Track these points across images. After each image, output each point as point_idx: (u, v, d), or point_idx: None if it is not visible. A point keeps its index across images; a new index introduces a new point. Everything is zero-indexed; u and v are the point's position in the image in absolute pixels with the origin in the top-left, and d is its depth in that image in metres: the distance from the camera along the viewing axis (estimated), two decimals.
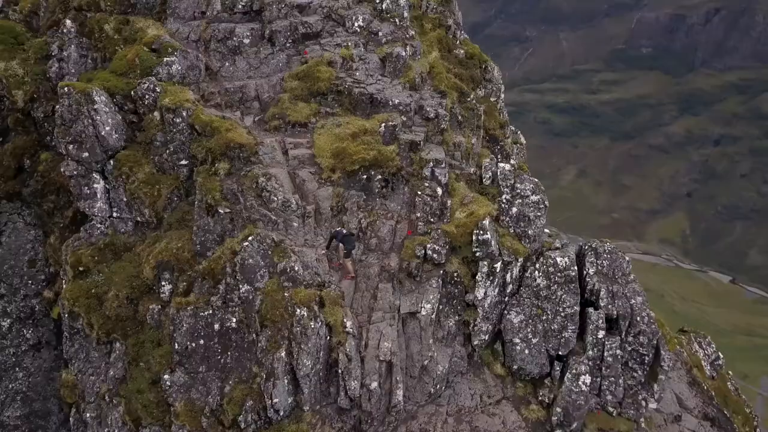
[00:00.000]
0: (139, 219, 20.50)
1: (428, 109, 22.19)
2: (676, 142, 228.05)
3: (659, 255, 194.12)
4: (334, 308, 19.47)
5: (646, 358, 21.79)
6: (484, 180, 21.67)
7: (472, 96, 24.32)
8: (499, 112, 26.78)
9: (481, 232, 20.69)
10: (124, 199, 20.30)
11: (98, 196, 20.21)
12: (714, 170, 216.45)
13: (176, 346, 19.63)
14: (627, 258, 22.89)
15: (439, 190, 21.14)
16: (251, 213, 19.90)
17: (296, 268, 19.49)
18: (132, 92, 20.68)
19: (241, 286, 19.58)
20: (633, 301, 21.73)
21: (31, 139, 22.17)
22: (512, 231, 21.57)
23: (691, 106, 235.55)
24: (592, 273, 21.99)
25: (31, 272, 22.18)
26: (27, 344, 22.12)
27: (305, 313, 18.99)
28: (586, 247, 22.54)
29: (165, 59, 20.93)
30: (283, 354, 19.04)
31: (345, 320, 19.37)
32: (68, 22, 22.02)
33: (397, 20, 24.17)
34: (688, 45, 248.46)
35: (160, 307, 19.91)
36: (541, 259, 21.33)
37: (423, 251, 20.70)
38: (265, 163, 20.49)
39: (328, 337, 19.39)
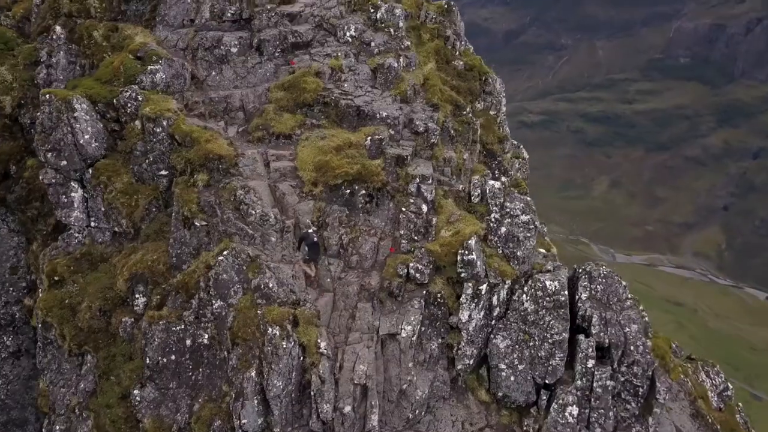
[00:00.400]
0: (116, 229, 20.25)
1: (418, 122, 21.47)
2: (714, 154, 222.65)
3: (693, 269, 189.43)
4: (308, 328, 18.85)
5: (641, 389, 20.66)
6: (472, 197, 20.88)
7: (468, 109, 23.52)
8: (499, 125, 25.89)
9: (467, 252, 19.88)
10: (102, 209, 20.07)
11: (75, 205, 19.98)
12: (752, 184, 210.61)
13: (147, 361, 19.25)
14: (624, 283, 21.76)
15: (425, 207, 20.39)
16: (228, 226, 19.41)
17: (270, 285, 18.91)
18: (114, 100, 20.47)
19: (214, 301, 19.11)
20: (627, 329, 20.61)
21: (17, 145, 22.10)
22: (500, 252, 20.68)
23: (729, 118, 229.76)
24: (584, 298, 20.96)
25: (13, 279, 22.08)
26: (6, 351, 22.01)
27: (277, 332, 18.41)
28: (580, 271, 21.53)
29: (149, 67, 20.66)
30: (253, 374, 18.48)
31: (319, 340, 18.73)
32: (58, 28, 21.94)
33: (391, 30, 23.52)
34: (728, 55, 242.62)
35: (133, 320, 19.59)
36: (530, 282, 20.40)
37: (405, 270, 19.99)
38: (245, 176, 20.00)
39: (302, 358, 18.79)
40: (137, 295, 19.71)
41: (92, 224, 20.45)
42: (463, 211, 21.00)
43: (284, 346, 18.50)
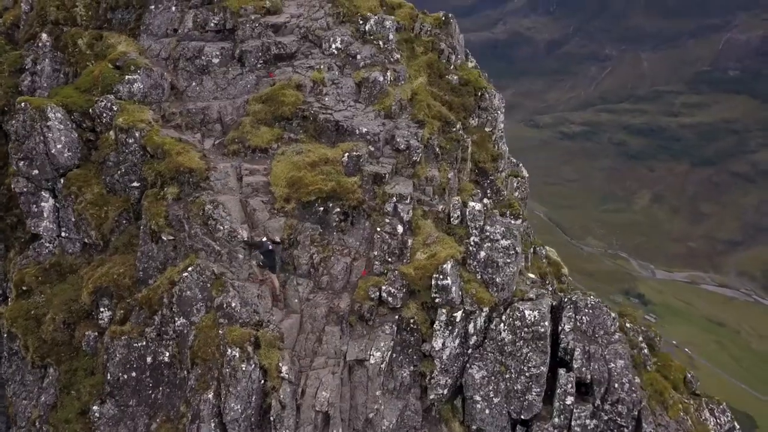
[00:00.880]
0: (86, 240, 20.08)
1: (399, 139, 20.76)
2: (763, 170, 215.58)
3: (737, 289, 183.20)
4: (269, 350, 18.22)
5: (626, 429, 19.30)
6: (452, 219, 19.96)
7: (458, 126, 22.63)
8: (494, 143, 24.87)
9: (441, 276, 18.99)
10: (73, 219, 19.93)
11: (45, 215, 19.87)
12: None
13: (108, 377, 18.93)
14: (613, 315, 20.57)
15: (400, 228, 19.59)
16: (195, 242, 18.95)
17: (233, 305, 18.37)
18: (90, 110, 20.16)
19: (176, 319, 18.67)
20: (612, 364, 19.40)
21: (1, 152, 21.96)
22: (479, 277, 19.73)
23: None
24: (567, 330, 19.84)
25: None
26: None
27: (237, 354, 17.84)
28: (566, 300, 20.43)
29: (127, 77, 20.45)
30: (210, 395, 17.96)
31: (281, 364, 18.11)
32: (44, 35, 21.92)
33: (380, 43, 22.82)
34: None
35: (96, 334, 19.34)
36: (508, 311, 19.26)
37: (377, 293, 19.26)
38: (216, 190, 19.53)
39: (263, 381, 18.14)
40: (102, 309, 19.41)
41: (63, 234, 20.27)
42: (441, 233, 20.09)
43: (243, 368, 17.93)
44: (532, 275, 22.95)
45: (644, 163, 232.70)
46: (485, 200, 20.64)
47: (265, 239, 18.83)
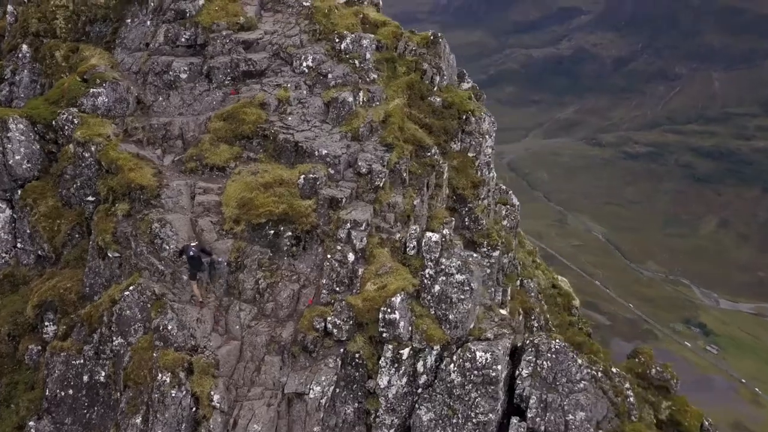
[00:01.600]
0: (40, 253, 19.93)
1: (361, 163, 19.94)
2: None
3: None
4: (202, 377, 17.67)
5: None
6: (407, 249, 18.83)
7: (433, 151, 21.56)
8: (477, 169, 23.65)
9: (389, 310, 18.05)
10: (28, 231, 19.84)
11: (1, 225, 19.96)
12: None
13: (47, 393, 18.83)
14: (579, 362, 19.05)
15: (351, 256, 18.68)
16: (140, 260, 18.61)
17: (170, 327, 17.93)
18: (53, 122, 20.06)
19: (114, 338, 18.40)
20: (571, 416, 18.01)
21: None
22: (433, 312, 18.60)
23: None
24: (525, 374, 18.52)
25: None
26: None
27: (167, 380, 17.37)
28: (528, 342, 18.94)
29: (91, 90, 20.51)
30: (138, 420, 17.59)
31: (212, 392, 17.52)
32: (24, 47, 22.27)
33: (356, 62, 22.07)
34: None
35: (40, 348, 19.18)
36: (459, 351, 18.01)
37: (323, 324, 18.34)
38: (166, 208, 19.20)
39: (194, 409, 17.48)
40: (47, 323, 19.33)
41: (18, 246, 20.40)
42: (396, 264, 19.08)
43: (173, 394, 17.41)
44: (504, 311, 21.56)
45: (712, 187, 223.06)
46: (446, 230, 19.39)
47: (194, 244, 18.13)
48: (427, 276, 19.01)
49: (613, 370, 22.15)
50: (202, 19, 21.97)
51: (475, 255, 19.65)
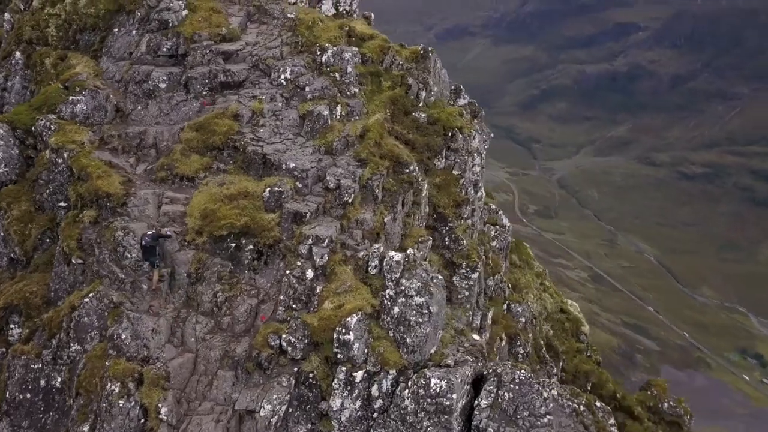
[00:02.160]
0: (12, 256, 20.11)
1: (329, 178, 19.67)
2: None
3: None
4: (152, 389, 17.55)
5: None
6: (369, 268, 18.32)
7: (411, 167, 20.98)
8: (462, 188, 22.96)
9: (344, 330, 17.60)
10: (1, 234, 20.00)
11: None
12: None
13: (7, 395, 18.94)
14: (545, 395, 17.97)
15: (310, 273, 18.35)
16: (101, 268, 18.78)
17: (124, 336, 17.92)
18: (33, 128, 20.42)
19: (72, 344, 18.52)
20: None
21: None
22: (391, 335, 17.95)
23: None
24: (484, 405, 17.77)
25: None
26: None
27: (116, 389, 17.38)
28: (490, 371, 18.11)
29: (71, 97, 20.89)
30: (86, 429, 17.73)
31: (160, 405, 17.43)
32: (18, 54, 22.85)
33: (337, 75, 21.83)
34: None
35: (4, 350, 19.23)
36: (415, 377, 17.36)
37: (278, 341, 17.94)
38: (132, 216, 19.32)
39: (142, 420, 17.37)
40: (12, 326, 19.62)
41: None
42: (357, 282, 18.63)
43: (121, 404, 17.36)
44: (477, 337, 20.78)
45: None
46: (410, 250, 18.72)
47: (149, 233, 18.41)
48: (387, 297, 18.46)
49: (597, 404, 21.03)
50: (184, 29, 22.16)
51: (439, 277, 18.97)
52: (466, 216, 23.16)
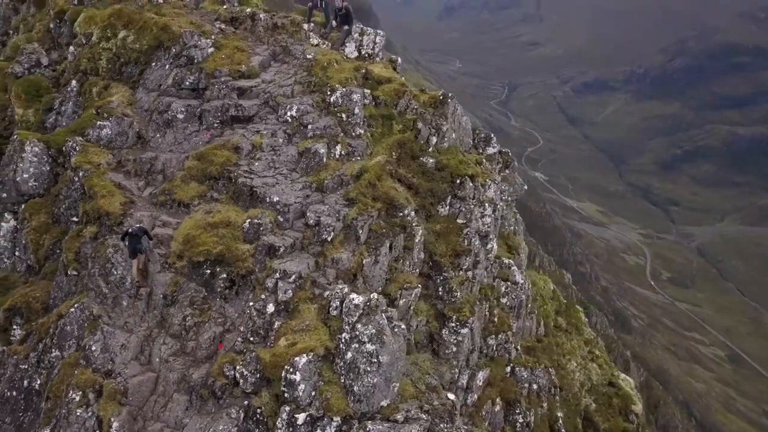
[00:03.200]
0: (29, 263, 21.88)
1: (310, 214, 19.72)
2: None
3: None
4: (108, 402, 18.31)
5: None
6: (331, 309, 17.96)
7: (406, 212, 20.53)
8: (465, 237, 21.92)
9: (291, 369, 17.37)
10: (23, 242, 21.88)
11: (2, 233, 22.17)
12: None
13: None
14: None
15: (271, 307, 18.39)
16: (90, 281, 20.01)
17: (94, 348, 18.88)
18: (63, 148, 22.33)
19: (53, 350, 19.74)
20: None
21: None
22: (342, 381, 17.40)
23: None
24: None
25: None
26: None
27: (77, 398, 18.28)
28: (442, 426, 16.98)
29: (98, 122, 22.46)
30: None
31: (113, 419, 18.00)
32: (74, 82, 25.28)
33: (344, 115, 22.04)
34: None
35: (5, 349, 20.72)
36: (356, 428, 16.69)
37: (233, 372, 17.97)
38: None
39: (97, 431, 17.87)
40: (15, 327, 21.07)
41: (16, 254, 22.59)
42: (318, 322, 18.31)
43: (78, 413, 18.16)
44: (451, 396, 19.49)
45: None
46: (374, 294, 18.08)
47: (137, 225, 19.66)
48: (342, 341, 17.92)
49: None
50: (206, 65, 23.49)
51: (402, 326, 18.15)
52: (465, 267, 22.08)
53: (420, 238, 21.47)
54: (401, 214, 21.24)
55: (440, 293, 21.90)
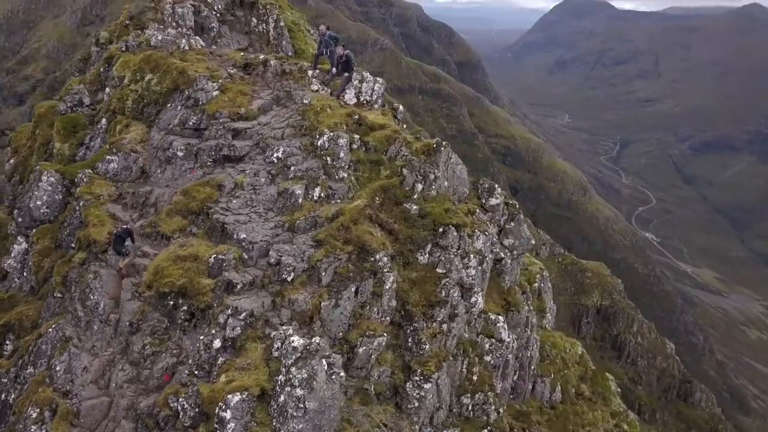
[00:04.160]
0: (32, 284, 23.33)
1: (272, 253, 19.85)
2: None
3: None
4: (60, 422, 19.09)
5: None
6: (273, 350, 17.80)
7: (377, 257, 20.16)
8: (443, 288, 21.06)
9: (224, 407, 17.20)
10: (29, 264, 23.42)
11: (13, 254, 24.10)
12: None
13: None
14: None
15: (217, 343, 18.52)
16: (69, 304, 21.12)
17: (58, 368, 19.69)
18: (75, 179, 23.96)
19: (29, 367, 20.64)
20: None
21: None
22: (274, 423, 17.10)
23: None
24: None
25: None
26: None
27: (34, 415, 19.16)
28: None
29: (107, 157, 23.85)
30: None
31: None
32: (103, 120, 27.29)
33: (329, 159, 22.22)
34: None
35: None
36: None
37: (176, 404, 18.14)
38: (108, 263, 21.59)
39: None
40: (7, 342, 22.34)
41: (24, 274, 24.10)
42: (261, 362, 18.13)
43: (33, 430, 18.79)
44: None
45: None
46: (317, 339, 17.64)
47: (124, 227, 21.15)
48: (279, 383, 17.55)
49: None
50: (209, 107, 24.57)
51: (342, 374, 17.52)
52: (440, 319, 21.09)
53: (391, 284, 20.85)
54: (372, 258, 20.79)
55: (409, 344, 21.02)
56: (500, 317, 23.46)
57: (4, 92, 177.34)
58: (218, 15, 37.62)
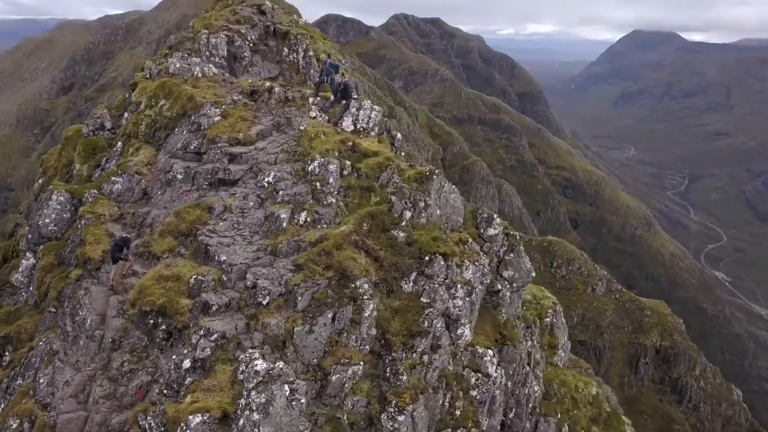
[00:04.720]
0: (35, 298, 24.19)
1: (249, 276, 19.95)
2: None
3: None
4: None
5: None
6: (238, 373, 17.82)
7: (358, 284, 20.00)
8: (426, 318, 20.62)
9: (185, 427, 17.32)
10: (34, 279, 24.35)
11: (21, 269, 25.04)
12: None
13: None
14: None
15: (187, 363, 18.77)
16: (60, 319, 21.67)
17: (41, 381, 20.29)
18: (82, 198, 24.92)
19: (18, 379, 21.27)
20: None
21: None
22: None
23: None
24: None
25: None
26: None
27: (14, 425, 19.79)
28: None
29: (112, 178, 24.70)
30: None
31: None
32: (119, 143, 28.47)
33: (318, 184, 22.30)
34: None
35: None
36: None
37: (144, 423, 18.35)
38: (100, 280, 22.17)
39: None
40: (6, 353, 23.13)
41: (30, 289, 25.01)
42: (227, 384, 18.10)
43: None
44: None
45: None
46: (281, 363, 17.49)
47: (123, 235, 21.90)
48: (240, 406, 17.43)
49: None
50: (209, 132, 25.14)
51: (302, 401, 17.26)
52: (421, 350, 20.54)
53: (371, 312, 20.51)
54: (353, 285, 20.55)
55: (387, 374, 20.54)
56: (489, 351, 22.68)
57: (82, 118, 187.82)
58: (251, 45, 38.83)
